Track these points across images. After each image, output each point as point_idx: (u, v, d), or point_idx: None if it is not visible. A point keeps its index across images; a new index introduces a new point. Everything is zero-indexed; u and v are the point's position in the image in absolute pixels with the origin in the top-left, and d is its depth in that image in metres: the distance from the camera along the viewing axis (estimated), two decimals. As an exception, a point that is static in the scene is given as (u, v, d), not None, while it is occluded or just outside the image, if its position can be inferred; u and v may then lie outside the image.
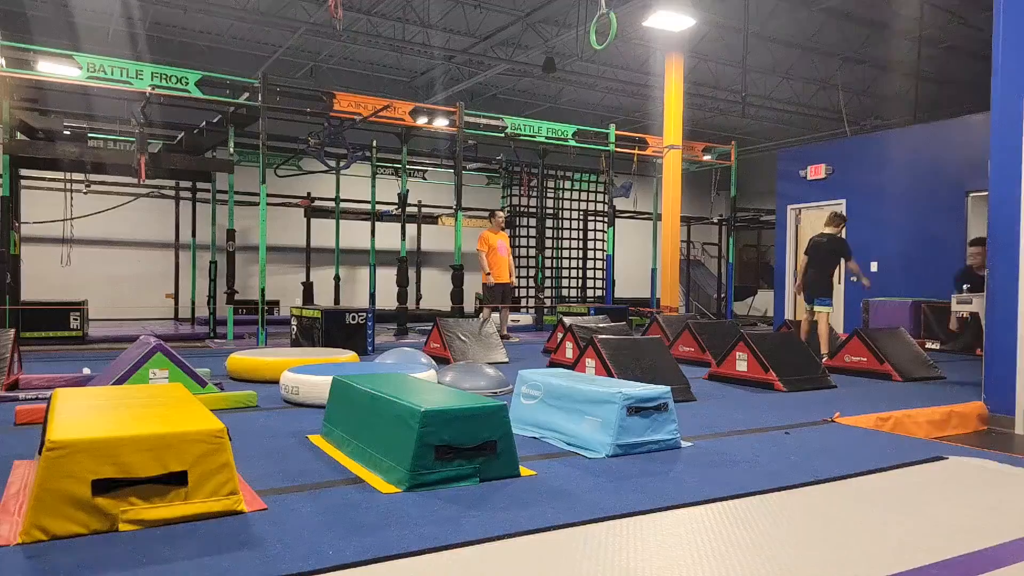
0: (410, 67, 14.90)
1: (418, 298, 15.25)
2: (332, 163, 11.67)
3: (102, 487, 2.43)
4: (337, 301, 13.71)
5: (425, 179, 14.32)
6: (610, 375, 5.13)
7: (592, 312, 10.02)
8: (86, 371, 6.16)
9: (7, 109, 7.99)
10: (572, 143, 11.15)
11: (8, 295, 8.00)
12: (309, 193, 14.48)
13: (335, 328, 7.79)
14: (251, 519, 2.62)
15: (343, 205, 14.03)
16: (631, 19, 10.80)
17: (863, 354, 6.82)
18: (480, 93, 15.83)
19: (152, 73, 8.14)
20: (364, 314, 7.98)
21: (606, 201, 12.59)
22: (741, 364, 6.10)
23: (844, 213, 8.12)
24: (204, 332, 10.79)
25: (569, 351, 6.89)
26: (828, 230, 7.45)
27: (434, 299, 15.86)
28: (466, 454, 3.11)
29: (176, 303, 13.90)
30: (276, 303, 13.99)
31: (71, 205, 11.69)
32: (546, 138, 10.95)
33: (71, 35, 11.75)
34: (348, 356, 6.34)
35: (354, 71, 15.01)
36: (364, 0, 11.46)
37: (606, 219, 12.65)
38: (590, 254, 14.72)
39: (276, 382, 5.67)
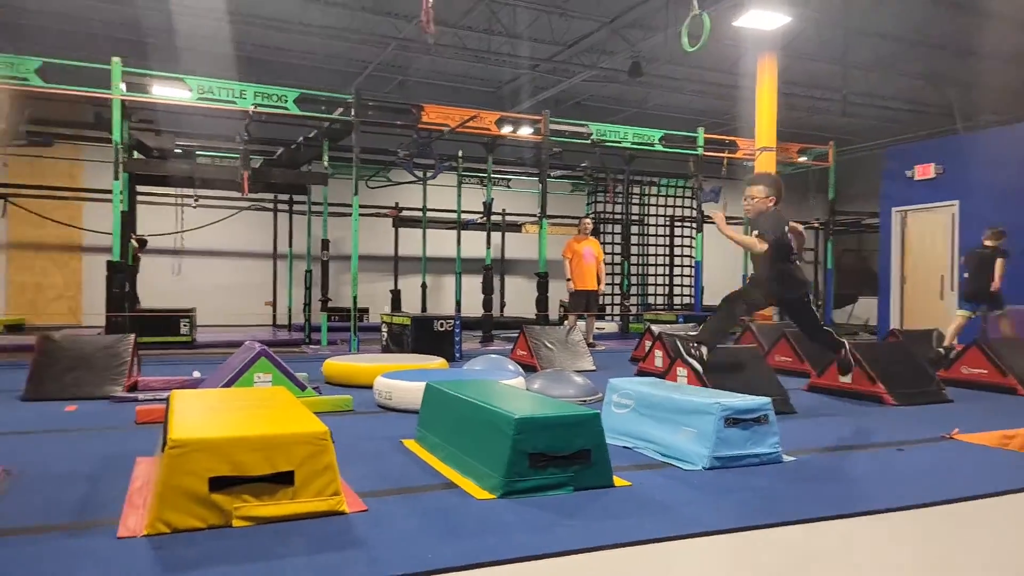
0: (496, 77, 15.08)
1: (502, 305, 15.37)
2: (420, 173, 11.96)
3: (218, 484, 2.56)
4: (424, 308, 14.00)
5: (509, 187, 14.45)
6: (703, 385, 4.99)
7: (681, 320, 9.80)
8: (196, 374, 6.52)
9: (126, 130, 8.60)
10: (659, 148, 10.99)
11: (127, 303, 8.58)
12: (397, 203, 14.87)
13: (424, 335, 7.95)
14: (353, 520, 2.69)
15: (429, 214, 14.33)
16: (722, 19, 10.53)
17: (983, 366, 6.36)
18: (565, 100, 15.83)
19: (255, 92, 8.57)
20: (451, 321, 8.10)
21: (693, 206, 12.32)
22: (845, 375, 5.82)
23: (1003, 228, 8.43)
24: (300, 338, 11.23)
25: (658, 360, 6.76)
26: (988, 243, 8.04)
27: (518, 306, 15.96)
28: (560, 462, 3.09)
29: (274, 310, 14.55)
30: (366, 310, 14.42)
31: (182, 218, 12.45)
32: (632, 144, 10.84)
33: (182, 59, 12.51)
34: (437, 362, 6.45)
35: (441, 83, 15.33)
36: (452, 14, 11.69)
37: (694, 225, 12.37)
38: (676, 260, 14.43)
39: (369, 387, 5.83)
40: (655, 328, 7.61)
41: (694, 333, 5.30)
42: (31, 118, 9.80)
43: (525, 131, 10.29)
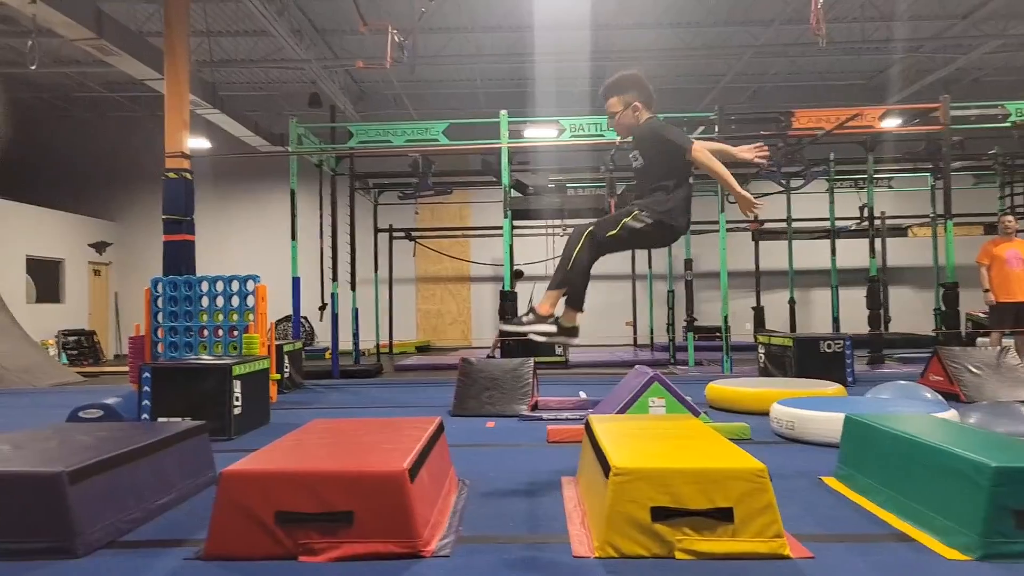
0: (865, 68, 13.55)
1: (887, 321, 13.57)
2: (784, 182, 11.23)
3: (659, 514, 2.56)
4: (792, 326, 13.04)
5: (891, 187, 12.76)
6: None
7: None
8: (582, 395, 6.91)
9: (509, 173, 9.64)
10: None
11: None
12: (756, 216, 14.20)
13: (808, 357, 7.32)
14: (801, 567, 2.47)
15: (794, 225, 13.36)
16: None
17: None
18: (956, 80, 13.49)
19: (620, 122, 8.92)
20: (841, 341, 7.32)
21: None
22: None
23: None
24: (664, 358, 11.26)
25: None
26: None
27: (905, 322, 13.95)
28: (1062, 525, 2.47)
29: (634, 330, 14.93)
30: (727, 328, 13.97)
31: (554, 247, 13.54)
32: (1074, 117, 8.69)
33: (549, 102, 13.69)
34: (834, 389, 5.85)
35: (801, 84, 14.30)
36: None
37: None
38: None
39: (756, 413, 5.54)
40: None
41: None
42: (436, 171, 11.59)
43: (912, 123, 8.97)
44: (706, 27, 11.46)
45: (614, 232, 3.34)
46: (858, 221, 12.26)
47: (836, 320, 11.26)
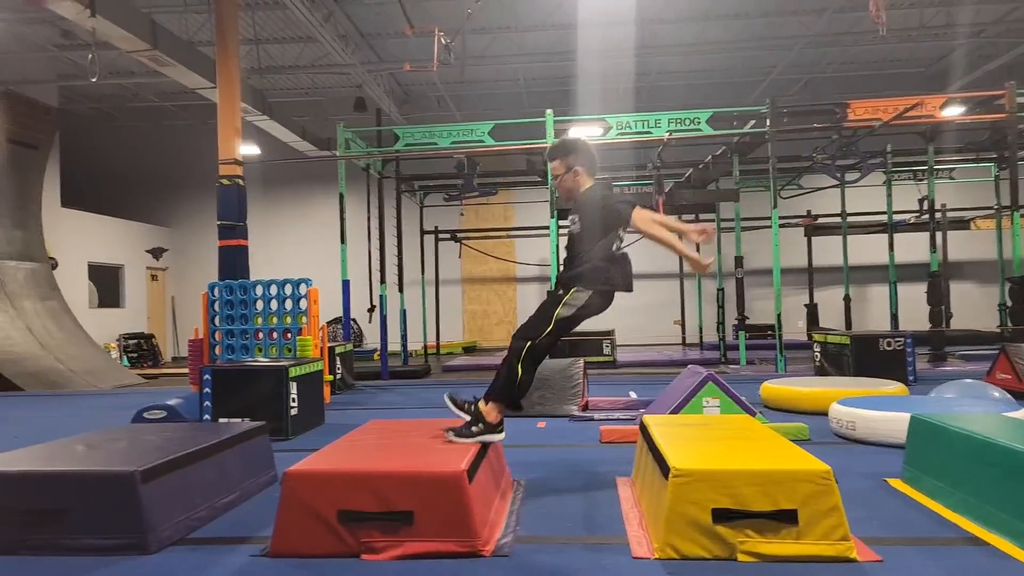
0: (924, 55, 13.10)
1: (948, 317, 13.11)
2: (839, 176, 10.94)
3: (720, 516, 2.52)
4: (848, 323, 12.69)
5: (952, 178, 12.32)
6: None
7: None
8: (632, 395, 6.85)
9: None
10: None
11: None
12: (809, 211, 13.87)
13: (867, 355, 7.11)
14: (868, 570, 2.41)
15: (849, 219, 13.01)
16: None
17: None
18: (1022, 65, 12.94)
19: (668, 119, 8.82)
20: (901, 339, 7.10)
21: None
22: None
23: None
24: (714, 357, 11.09)
25: None
26: None
27: (967, 318, 13.45)
28: None
29: (683, 329, 14.74)
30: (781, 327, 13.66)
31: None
32: None
33: (593, 101, 13.59)
34: (895, 388, 5.68)
35: (855, 74, 13.91)
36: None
37: None
38: None
39: (813, 413, 5.41)
40: None
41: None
42: (480, 172, 11.63)
43: (975, 111, 8.62)
44: (755, 18, 11.22)
45: (549, 329, 3.36)
46: (917, 214, 11.88)
47: (895, 317, 10.91)
